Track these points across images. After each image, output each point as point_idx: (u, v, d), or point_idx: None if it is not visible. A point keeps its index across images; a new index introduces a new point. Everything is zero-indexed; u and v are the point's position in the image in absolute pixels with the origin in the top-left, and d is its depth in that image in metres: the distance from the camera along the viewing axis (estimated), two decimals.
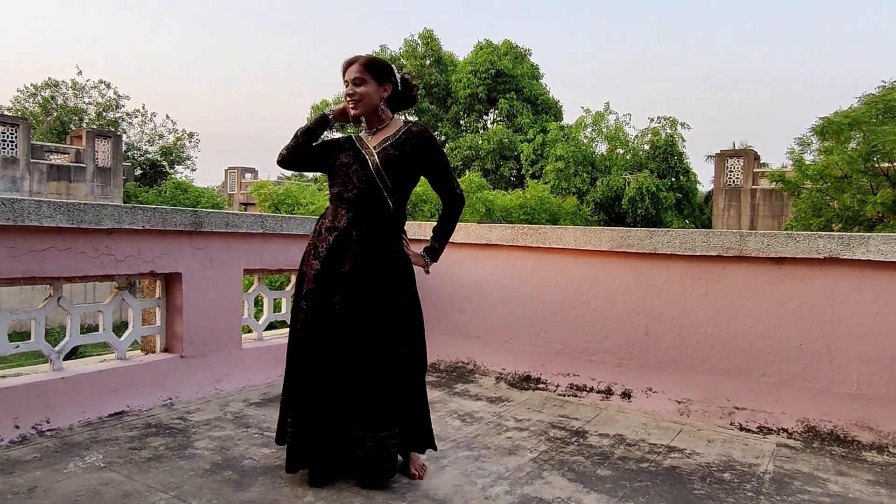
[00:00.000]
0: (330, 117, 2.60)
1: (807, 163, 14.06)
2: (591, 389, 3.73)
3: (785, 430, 3.15)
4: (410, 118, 28.02)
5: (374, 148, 2.48)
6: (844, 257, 3.04)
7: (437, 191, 2.60)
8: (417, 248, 2.64)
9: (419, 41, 27.81)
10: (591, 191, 21.53)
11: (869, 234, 3.06)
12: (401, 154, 2.45)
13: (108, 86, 30.29)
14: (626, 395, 3.61)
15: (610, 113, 22.78)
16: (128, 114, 30.73)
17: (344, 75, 2.51)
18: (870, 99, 13.18)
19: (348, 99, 2.49)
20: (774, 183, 15.92)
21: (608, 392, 3.67)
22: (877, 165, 12.67)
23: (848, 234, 3.09)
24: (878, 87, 13.38)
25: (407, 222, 4.25)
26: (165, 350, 3.48)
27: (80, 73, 39.39)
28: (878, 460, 2.85)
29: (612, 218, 21.70)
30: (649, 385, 3.56)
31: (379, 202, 2.45)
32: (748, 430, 3.21)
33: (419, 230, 4.27)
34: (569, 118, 28.59)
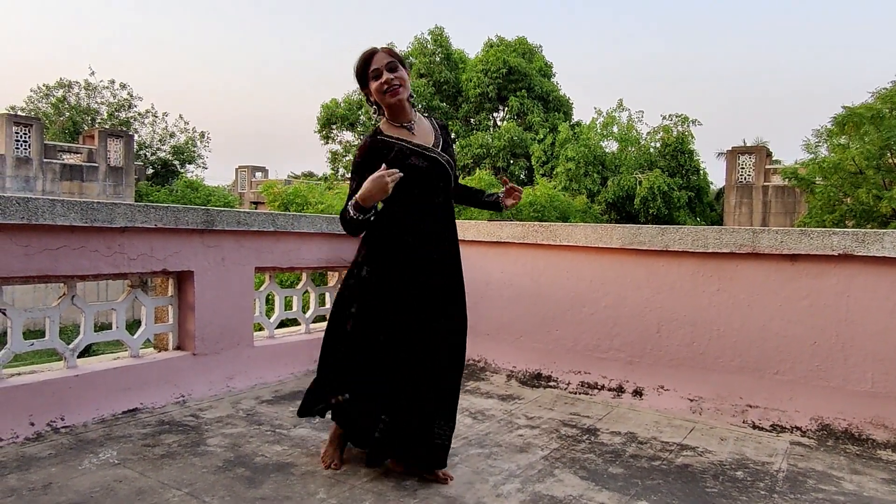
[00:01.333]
0: (368, 207, 2.30)
1: (822, 156, 13.97)
2: (603, 387, 3.72)
3: (798, 429, 3.13)
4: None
5: (436, 146, 2.47)
6: (859, 254, 3.01)
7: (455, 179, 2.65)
8: None
9: (429, 38, 27.80)
10: (602, 191, 21.45)
11: (884, 230, 3.03)
12: (452, 152, 2.55)
13: (124, 86, 30.56)
14: (638, 392, 3.59)
15: (623, 110, 22.68)
16: (140, 114, 30.98)
17: (369, 67, 2.39)
18: (883, 94, 13.06)
19: (388, 86, 2.36)
20: (787, 180, 15.80)
21: (619, 390, 3.65)
22: (890, 160, 12.55)
23: (862, 230, 3.06)
24: (892, 81, 13.29)
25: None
26: (178, 348, 3.50)
27: (92, 73, 39.83)
28: (894, 459, 2.82)
29: (623, 217, 21.60)
30: (661, 383, 3.55)
31: (450, 202, 2.56)
32: (761, 429, 3.19)
33: None
34: (578, 115, 28.51)
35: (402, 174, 2.29)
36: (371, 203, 2.29)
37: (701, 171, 22.46)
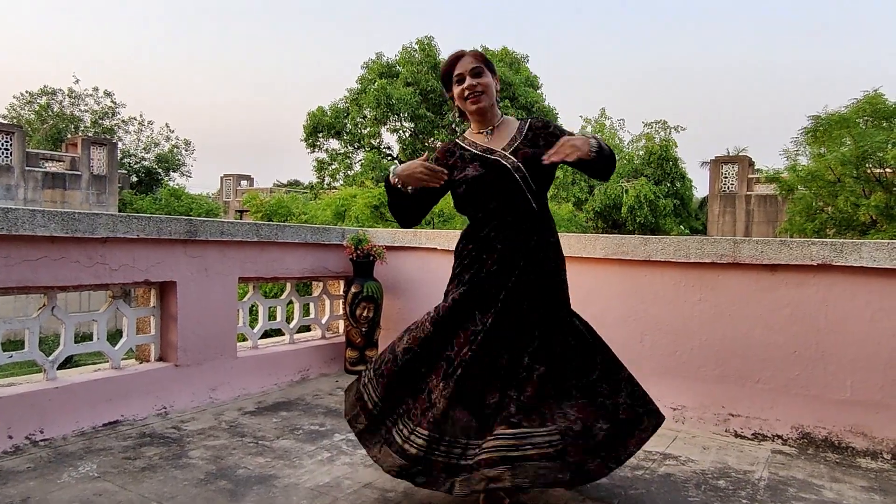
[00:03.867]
0: (400, 186, 2.30)
1: (800, 165, 14.13)
2: None
3: (780, 437, 3.16)
4: (407, 124, 28.14)
5: (505, 149, 2.29)
6: (837, 264, 3.05)
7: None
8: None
9: (416, 48, 27.90)
10: (589, 199, 21.57)
11: (861, 240, 3.08)
12: (538, 152, 2.26)
13: (108, 94, 30.40)
14: None
15: (605, 118, 22.90)
16: (124, 121, 30.80)
17: (454, 70, 2.34)
18: (855, 106, 13.24)
19: (470, 92, 2.31)
20: (769, 184, 15.97)
21: None
22: (869, 171, 12.72)
23: (841, 240, 3.11)
24: (863, 91, 13.49)
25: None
26: (160, 359, 3.47)
27: (77, 81, 39.56)
28: (873, 466, 2.86)
29: (610, 226, 21.74)
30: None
31: (527, 207, 2.29)
32: (743, 437, 3.21)
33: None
34: (564, 125, 28.66)
35: (445, 171, 2.26)
36: (404, 183, 2.27)
37: (685, 179, 22.68)
